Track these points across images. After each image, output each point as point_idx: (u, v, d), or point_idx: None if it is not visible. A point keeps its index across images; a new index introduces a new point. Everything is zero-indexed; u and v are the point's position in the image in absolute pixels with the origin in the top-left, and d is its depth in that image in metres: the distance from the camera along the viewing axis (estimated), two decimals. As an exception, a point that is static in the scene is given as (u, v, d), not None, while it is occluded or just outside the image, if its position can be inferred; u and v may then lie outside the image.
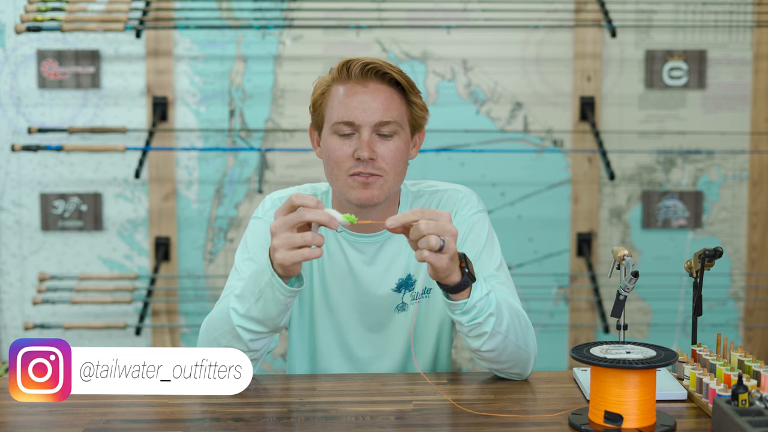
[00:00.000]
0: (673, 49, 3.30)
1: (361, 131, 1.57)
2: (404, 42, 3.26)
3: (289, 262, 1.37)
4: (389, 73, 1.58)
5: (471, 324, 1.45)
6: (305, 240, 1.36)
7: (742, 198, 3.36)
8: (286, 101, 3.26)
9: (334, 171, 1.59)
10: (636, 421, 1.28)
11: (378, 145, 1.58)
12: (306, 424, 1.36)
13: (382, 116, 1.57)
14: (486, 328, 1.45)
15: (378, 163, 1.57)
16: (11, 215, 3.29)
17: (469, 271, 1.40)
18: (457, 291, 1.42)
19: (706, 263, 1.57)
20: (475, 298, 1.43)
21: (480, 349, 1.48)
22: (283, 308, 1.46)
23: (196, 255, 3.30)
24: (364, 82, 1.58)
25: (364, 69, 1.57)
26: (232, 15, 3.22)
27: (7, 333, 3.32)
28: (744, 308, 3.39)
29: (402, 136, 1.60)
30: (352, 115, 1.57)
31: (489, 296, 1.45)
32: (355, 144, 1.57)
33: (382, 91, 1.58)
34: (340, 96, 1.59)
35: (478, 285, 1.43)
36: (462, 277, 1.40)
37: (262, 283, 1.44)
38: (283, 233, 1.37)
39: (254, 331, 1.48)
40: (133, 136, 3.23)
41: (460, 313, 1.44)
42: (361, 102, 1.57)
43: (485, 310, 1.44)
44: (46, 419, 1.39)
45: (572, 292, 3.35)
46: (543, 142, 3.30)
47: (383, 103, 1.58)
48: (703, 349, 1.58)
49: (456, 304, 1.43)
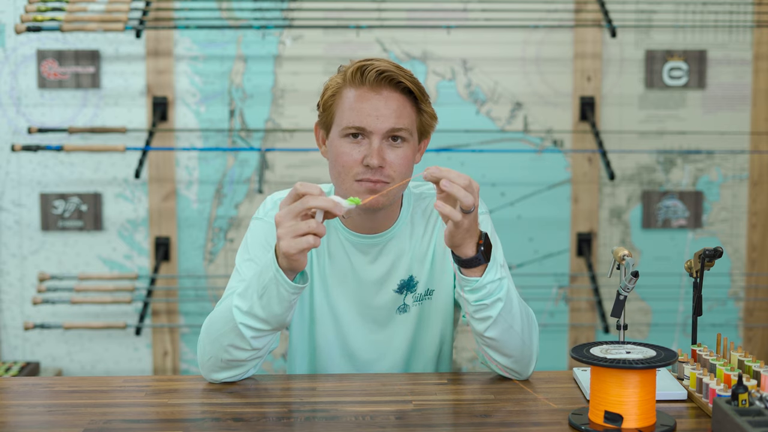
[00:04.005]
0: (673, 49, 3.30)
1: (371, 138, 1.57)
2: (404, 42, 3.26)
3: (294, 250, 1.37)
4: (403, 81, 1.58)
5: (477, 304, 1.46)
6: (310, 227, 1.37)
7: (742, 198, 3.36)
8: (286, 101, 3.26)
9: (341, 174, 1.59)
10: (636, 421, 1.28)
11: (387, 152, 1.58)
12: (306, 424, 1.36)
13: (394, 124, 1.57)
14: (492, 312, 1.46)
15: (386, 170, 1.57)
16: (11, 215, 3.29)
17: (484, 249, 1.42)
18: (469, 266, 1.43)
19: (706, 263, 1.57)
20: (487, 279, 1.44)
21: (483, 333, 1.49)
22: (287, 305, 1.46)
23: (196, 255, 3.30)
24: (377, 89, 1.58)
25: (378, 76, 1.57)
26: (232, 15, 3.22)
27: (7, 333, 3.32)
28: (744, 308, 3.39)
29: (410, 143, 1.61)
30: (363, 121, 1.57)
31: (501, 281, 1.47)
32: (365, 150, 1.57)
33: (395, 99, 1.58)
34: (351, 100, 1.58)
35: (493, 268, 1.45)
36: (476, 252, 1.42)
37: (266, 279, 1.44)
38: (288, 222, 1.38)
39: (257, 328, 1.48)
40: (133, 136, 3.23)
41: (469, 291, 1.46)
42: (374, 109, 1.57)
43: (494, 294, 1.46)
44: (46, 419, 1.39)
45: (572, 292, 3.35)
46: (543, 142, 3.30)
47: (395, 111, 1.58)
48: (703, 349, 1.58)
49: (467, 279, 1.45)
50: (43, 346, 3.32)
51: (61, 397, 1.51)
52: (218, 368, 1.54)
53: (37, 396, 1.53)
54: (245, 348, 1.50)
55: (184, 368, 3.33)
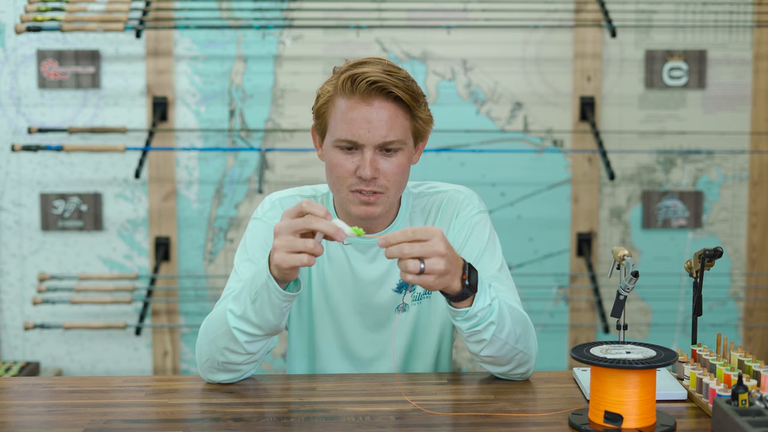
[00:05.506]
0: (673, 49, 3.30)
1: (363, 150, 1.55)
2: (404, 42, 3.26)
3: (286, 265, 1.36)
4: (394, 91, 1.54)
5: (471, 331, 1.45)
6: (306, 247, 1.35)
7: (742, 198, 3.36)
8: (286, 101, 3.26)
9: (336, 184, 1.59)
10: (636, 421, 1.28)
11: (380, 162, 1.56)
12: (306, 424, 1.36)
13: (386, 136, 1.54)
14: (485, 335, 1.45)
15: (380, 180, 1.56)
16: (11, 215, 3.29)
17: (470, 283, 1.39)
18: (458, 300, 1.41)
19: (706, 263, 1.57)
20: (477, 307, 1.42)
21: (479, 353, 1.49)
22: (279, 312, 1.45)
23: (196, 255, 3.30)
24: (368, 100, 1.54)
25: (369, 87, 1.53)
26: (232, 15, 3.22)
27: (7, 333, 3.32)
28: (744, 308, 3.39)
29: (405, 151, 1.59)
30: (355, 134, 1.54)
31: (492, 305, 1.44)
32: (358, 161, 1.56)
33: (387, 109, 1.54)
34: (343, 111, 1.55)
35: (482, 294, 1.42)
36: (462, 288, 1.39)
37: (259, 285, 1.43)
38: (286, 235, 1.37)
39: (250, 333, 1.48)
40: (133, 136, 3.23)
41: (461, 320, 1.44)
42: (366, 121, 1.54)
43: (486, 319, 1.44)
44: (46, 419, 1.39)
45: (572, 292, 3.34)
46: (543, 142, 3.30)
47: (387, 122, 1.54)
48: (703, 349, 1.58)
49: (457, 311, 1.42)
50: (43, 346, 3.32)
51: (61, 397, 1.51)
52: (215, 370, 1.54)
53: (37, 396, 1.53)
54: (239, 352, 1.50)
55: (184, 368, 3.33)
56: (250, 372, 1.57)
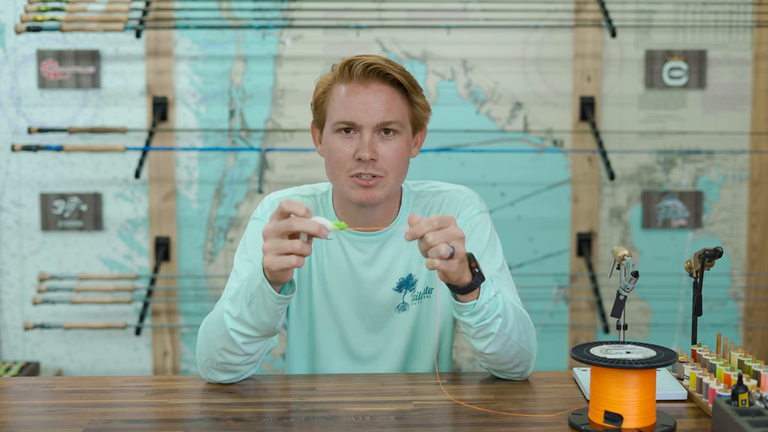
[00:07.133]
0: (673, 49, 3.30)
1: (362, 132, 1.57)
2: (404, 42, 3.26)
3: (276, 268, 1.37)
4: (391, 73, 1.58)
5: (479, 325, 1.44)
6: (294, 248, 1.36)
7: (742, 198, 3.36)
8: (286, 101, 3.26)
9: (335, 170, 1.60)
10: (636, 421, 1.28)
11: (379, 146, 1.58)
12: (306, 424, 1.36)
13: (384, 117, 1.57)
14: (493, 329, 1.45)
15: (379, 163, 1.58)
16: (11, 215, 3.29)
17: (479, 270, 1.41)
18: (467, 292, 1.41)
19: (706, 263, 1.57)
20: (484, 299, 1.43)
21: (484, 351, 1.48)
22: (274, 314, 1.45)
23: (196, 255, 3.30)
24: (365, 83, 1.58)
25: (366, 69, 1.57)
26: (232, 15, 3.22)
27: (7, 333, 3.32)
28: (744, 308, 3.39)
29: (403, 136, 1.61)
30: (353, 115, 1.57)
31: (497, 297, 1.45)
32: (357, 144, 1.58)
33: (384, 92, 1.58)
34: (341, 96, 1.59)
35: (487, 286, 1.43)
36: (473, 277, 1.40)
37: (254, 287, 1.44)
38: (273, 238, 1.37)
39: (247, 335, 1.48)
40: (133, 136, 3.23)
41: (469, 315, 1.44)
42: (363, 103, 1.57)
43: (493, 312, 1.44)
44: (46, 419, 1.39)
45: (572, 292, 3.34)
46: (543, 142, 3.30)
47: (385, 104, 1.58)
48: (703, 349, 1.58)
49: (465, 305, 1.43)
50: (43, 346, 3.32)
51: (61, 397, 1.51)
52: (214, 370, 1.54)
53: (37, 396, 1.53)
54: (237, 353, 1.50)
55: (184, 368, 3.33)
56: (250, 372, 1.57)
